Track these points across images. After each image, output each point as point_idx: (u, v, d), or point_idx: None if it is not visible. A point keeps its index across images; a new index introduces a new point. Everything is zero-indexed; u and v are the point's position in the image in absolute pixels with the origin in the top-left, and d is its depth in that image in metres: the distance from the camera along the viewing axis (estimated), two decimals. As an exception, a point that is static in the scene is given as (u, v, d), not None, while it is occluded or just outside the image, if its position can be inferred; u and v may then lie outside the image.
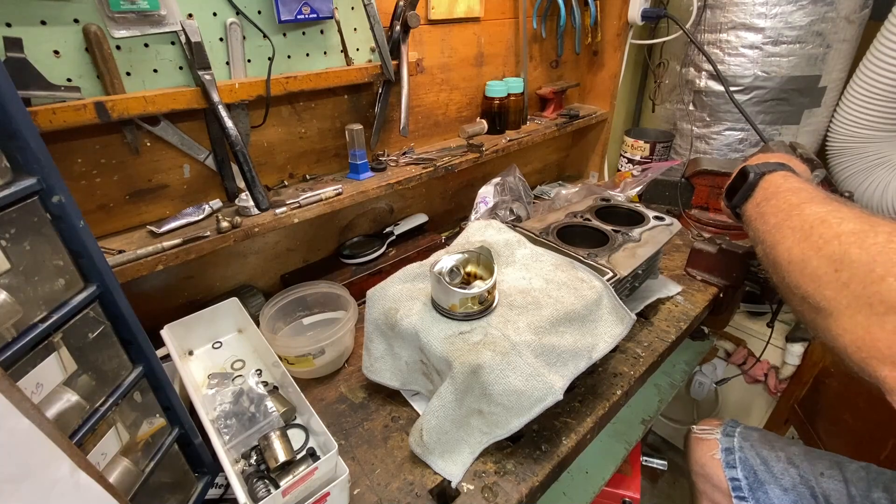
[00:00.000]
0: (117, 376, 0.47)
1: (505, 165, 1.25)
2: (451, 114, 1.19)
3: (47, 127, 0.58)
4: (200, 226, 0.78)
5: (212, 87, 0.70)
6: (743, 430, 0.85)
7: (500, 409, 0.59)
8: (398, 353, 0.70)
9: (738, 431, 0.85)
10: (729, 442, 0.83)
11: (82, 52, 0.64)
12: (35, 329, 0.37)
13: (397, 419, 0.71)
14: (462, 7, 1.07)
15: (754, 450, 0.81)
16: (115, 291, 0.45)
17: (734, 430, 0.86)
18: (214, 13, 0.73)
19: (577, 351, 0.62)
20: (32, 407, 0.33)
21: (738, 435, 0.84)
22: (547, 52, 1.36)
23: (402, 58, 0.94)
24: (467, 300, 0.64)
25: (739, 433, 0.84)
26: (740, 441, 0.83)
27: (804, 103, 1.27)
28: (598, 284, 0.69)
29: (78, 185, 0.70)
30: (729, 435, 0.84)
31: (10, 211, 0.36)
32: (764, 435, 0.84)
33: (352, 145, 0.93)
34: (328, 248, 1.08)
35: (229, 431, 0.64)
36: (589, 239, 0.85)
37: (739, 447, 0.82)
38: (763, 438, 0.83)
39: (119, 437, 0.47)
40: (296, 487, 0.52)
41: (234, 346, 0.81)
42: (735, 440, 0.83)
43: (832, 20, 1.17)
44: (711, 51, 1.28)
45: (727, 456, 0.82)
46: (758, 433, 0.84)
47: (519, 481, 0.61)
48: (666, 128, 1.51)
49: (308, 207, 0.84)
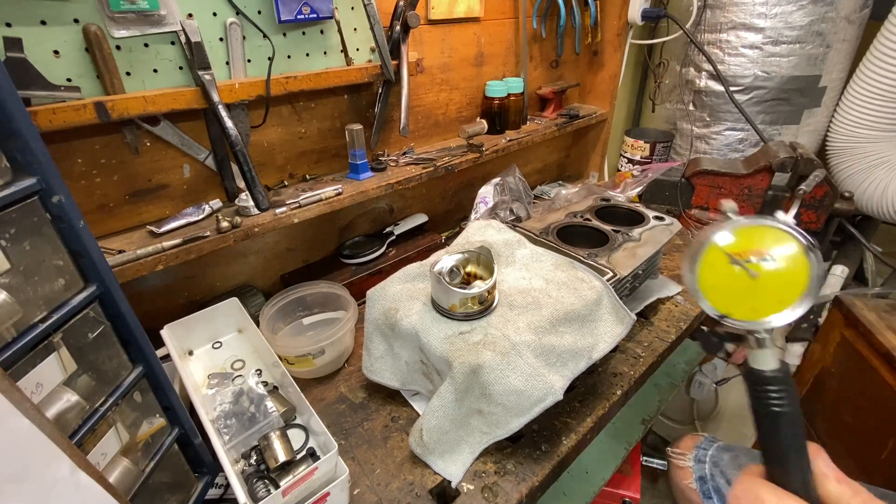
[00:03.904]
0: (117, 376, 0.47)
1: (505, 165, 1.25)
2: (451, 114, 1.19)
3: (47, 127, 0.58)
4: (200, 226, 0.78)
5: (212, 87, 0.70)
6: (714, 452, 0.78)
7: (500, 409, 0.59)
8: (398, 353, 0.70)
9: (710, 456, 0.77)
10: (701, 470, 0.76)
11: (82, 52, 0.64)
12: (35, 329, 0.37)
13: (397, 419, 0.71)
14: (462, 7, 1.07)
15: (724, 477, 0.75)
16: (115, 291, 0.45)
17: (706, 454, 0.77)
18: (214, 13, 0.73)
19: (577, 351, 0.62)
20: (32, 407, 0.33)
21: (709, 460, 0.76)
22: (547, 52, 1.36)
23: (402, 58, 0.94)
24: (467, 300, 0.64)
25: (710, 458, 0.77)
26: (711, 468, 0.75)
27: (804, 103, 1.27)
28: (598, 284, 0.69)
29: (78, 185, 0.70)
30: (700, 461, 0.77)
31: (10, 211, 0.36)
32: (735, 457, 0.76)
33: (352, 145, 0.93)
34: (328, 248, 1.08)
35: (229, 431, 0.63)
36: (589, 239, 0.85)
37: (711, 475, 0.76)
38: (733, 461, 0.75)
39: (119, 437, 0.47)
40: (296, 487, 0.52)
41: (234, 346, 0.81)
42: (706, 467, 0.77)
43: (832, 20, 1.17)
44: (711, 51, 1.28)
45: (702, 485, 0.76)
46: (728, 455, 0.77)
47: (519, 481, 0.61)
48: (666, 128, 1.51)
49: (308, 207, 0.84)
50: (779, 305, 0.33)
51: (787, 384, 0.31)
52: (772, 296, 0.33)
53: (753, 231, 0.33)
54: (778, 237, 0.33)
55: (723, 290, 0.33)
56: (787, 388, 0.31)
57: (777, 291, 0.33)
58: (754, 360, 0.32)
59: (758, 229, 0.33)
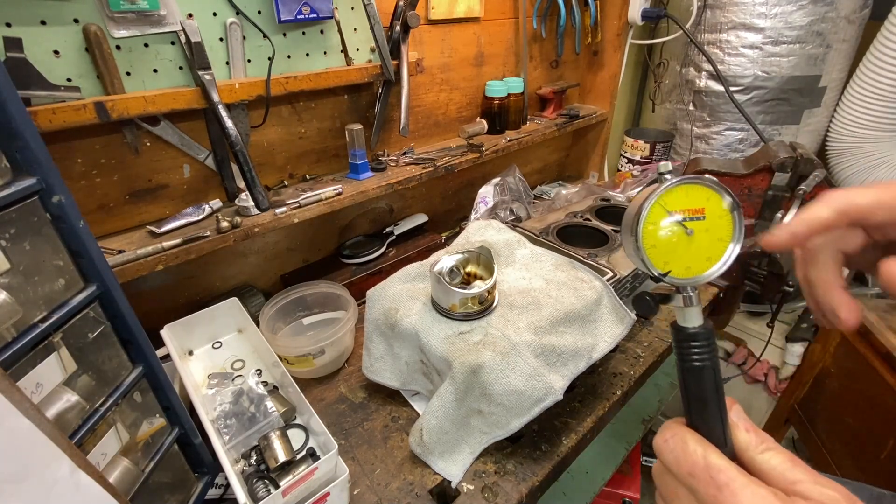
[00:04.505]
0: (117, 376, 0.47)
1: (505, 165, 1.25)
2: (451, 114, 1.19)
3: (47, 127, 0.58)
4: (200, 226, 0.78)
5: (212, 87, 0.70)
6: None
7: (500, 409, 0.59)
8: (398, 353, 0.70)
9: None
10: None
11: (82, 52, 0.64)
12: (35, 329, 0.37)
13: (397, 419, 0.71)
14: (462, 7, 1.07)
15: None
16: (115, 291, 0.45)
17: None
18: (214, 13, 0.73)
19: (577, 351, 0.62)
20: (32, 407, 0.33)
21: None
22: (547, 52, 1.36)
23: (402, 58, 0.94)
24: (467, 300, 0.64)
25: None
26: None
27: (804, 103, 1.27)
28: (598, 284, 0.69)
29: (78, 185, 0.70)
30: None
31: (10, 211, 0.36)
32: None
33: (352, 145, 0.93)
34: (328, 248, 1.08)
35: (229, 431, 0.64)
36: (589, 239, 0.85)
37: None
38: None
39: (119, 437, 0.47)
40: (296, 487, 0.52)
41: (234, 346, 0.81)
42: None
43: (832, 20, 1.17)
44: (711, 51, 1.28)
45: None
46: None
47: (519, 481, 0.61)
48: (666, 128, 1.51)
49: (308, 207, 0.84)
50: (707, 262, 0.35)
51: (709, 339, 0.33)
52: (703, 253, 0.35)
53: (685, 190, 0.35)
54: (707, 195, 0.35)
55: (661, 248, 0.35)
56: (709, 343, 0.33)
57: (707, 248, 0.35)
58: (682, 318, 0.34)
59: (689, 188, 0.35)
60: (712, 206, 0.35)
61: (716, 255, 0.35)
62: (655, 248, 0.35)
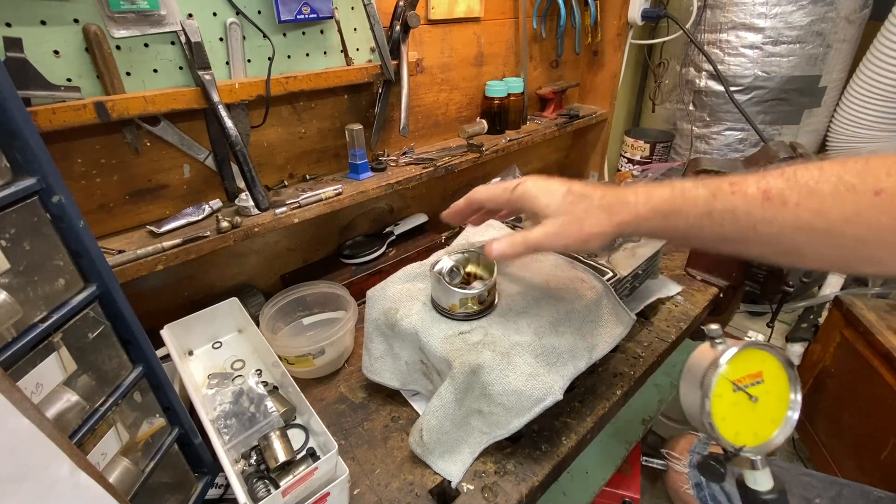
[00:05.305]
0: (117, 376, 0.47)
1: (505, 165, 1.25)
2: (451, 114, 1.19)
3: (47, 127, 0.58)
4: (200, 226, 0.78)
5: (212, 87, 0.70)
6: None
7: (500, 409, 0.59)
8: (398, 353, 0.70)
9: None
10: (697, 476, 0.79)
11: (82, 52, 0.64)
12: (35, 329, 0.37)
13: (397, 419, 0.71)
14: (462, 7, 1.07)
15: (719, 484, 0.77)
16: (115, 291, 0.45)
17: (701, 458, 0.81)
18: (214, 13, 0.73)
19: (577, 351, 0.62)
20: (32, 407, 0.33)
21: None
22: (547, 52, 1.36)
23: (402, 58, 0.94)
24: (467, 300, 0.64)
25: None
26: None
27: (804, 103, 1.27)
28: (597, 284, 0.69)
29: (78, 185, 0.70)
30: (696, 466, 0.80)
31: (10, 211, 0.35)
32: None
33: (352, 145, 0.93)
34: (328, 248, 1.08)
35: (229, 431, 0.64)
36: (589, 239, 0.85)
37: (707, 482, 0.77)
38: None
39: (119, 437, 0.47)
40: (296, 487, 0.52)
41: (234, 346, 0.81)
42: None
43: (832, 20, 1.17)
44: (711, 51, 1.28)
45: (699, 492, 0.76)
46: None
47: (519, 481, 0.61)
48: (666, 128, 1.51)
49: (308, 207, 0.84)
50: (772, 425, 0.35)
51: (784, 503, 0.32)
52: (767, 416, 0.35)
53: (743, 356, 0.34)
54: (762, 357, 0.34)
55: (730, 420, 0.34)
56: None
57: (770, 411, 0.35)
58: (753, 482, 0.32)
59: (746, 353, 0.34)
60: (768, 366, 0.35)
61: (778, 417, 0.34)
62: (725, 422, 0.33)
